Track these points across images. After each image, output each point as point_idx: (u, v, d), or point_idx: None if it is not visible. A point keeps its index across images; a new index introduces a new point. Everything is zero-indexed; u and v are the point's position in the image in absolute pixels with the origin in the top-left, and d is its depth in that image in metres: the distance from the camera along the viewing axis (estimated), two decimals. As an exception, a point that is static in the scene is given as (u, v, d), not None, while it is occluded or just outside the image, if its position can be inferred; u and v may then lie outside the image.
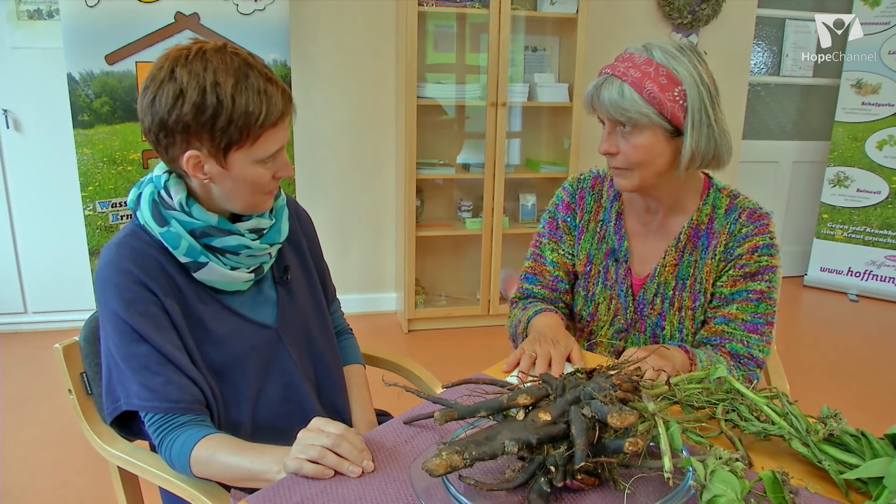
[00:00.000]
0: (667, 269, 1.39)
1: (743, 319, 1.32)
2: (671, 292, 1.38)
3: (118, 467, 1.25)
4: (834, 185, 4.42)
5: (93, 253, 2.89)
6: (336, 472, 0.90)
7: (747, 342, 1.31)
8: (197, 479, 1.09)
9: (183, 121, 1.03)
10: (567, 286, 1.51)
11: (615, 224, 1.44)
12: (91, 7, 2.71)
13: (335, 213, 3.78)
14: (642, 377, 0.90)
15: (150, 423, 1.10)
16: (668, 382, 0.92)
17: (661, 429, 0.77)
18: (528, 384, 0.86)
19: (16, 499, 2.15)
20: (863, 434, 0.89)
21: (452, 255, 3.96)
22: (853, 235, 4.39)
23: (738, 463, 0.79)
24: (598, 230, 1.46)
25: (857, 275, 4.40)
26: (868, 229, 4.34)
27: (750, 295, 1.32)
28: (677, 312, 1.38)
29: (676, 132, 1.25)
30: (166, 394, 1.08)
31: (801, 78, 4.64)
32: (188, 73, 1.02)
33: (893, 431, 0.86)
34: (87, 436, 1.23)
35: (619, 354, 1.44)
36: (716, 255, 1.35)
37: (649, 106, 1.21)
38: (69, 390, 1.24)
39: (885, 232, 4.29)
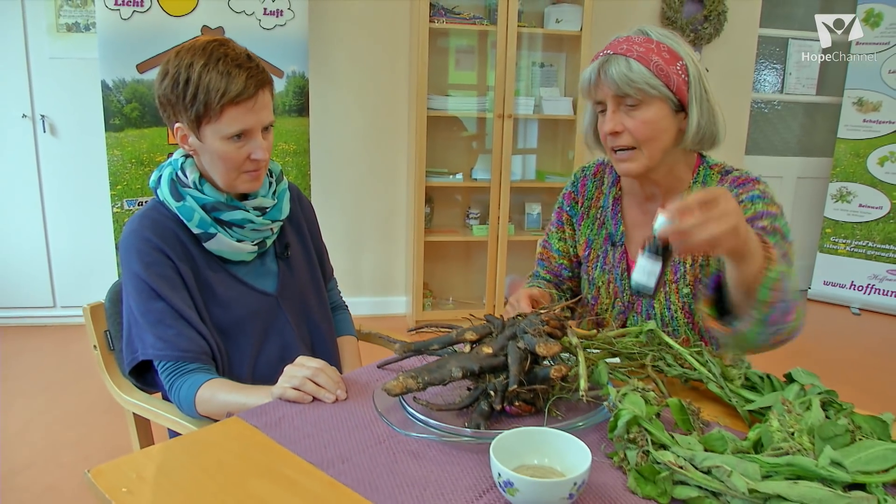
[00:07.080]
0: None
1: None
2: None
3: (133, 415, 1.41)
4: (837, 200, 4.52)
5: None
6: (314, 399, 1.06)
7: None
8: (202, 419, 1.25)
9: (166, 95, 1.24)
10: (570, 273, 1.55)
11: (612, 209, 1.46)
12: (125, 20, 2.94)
13: (349, 217, 3.96)
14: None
15: (163, 371, 1.27)
16: (597, 328, 1.07)
17: (581, 357, 0.91)
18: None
19: (41, 469, 2.33)
20: (768, 376, 1.03)
21: (460, 260, 4.12)
22: (856, 250, 4.47)
23: (651, 393, 0.94)
24: (598, 216, 1.49)
25: (860, 288, 4.47)
26: (870, 244, 4.42)
27: (756, 231, 1.16)
28: (662, 289, 1.39)
29: (680, 108, 1.26)
30: (177, 344, 1.24)
31: (805, 96, 4.76)
32: (177, 58, 1.23)
33: (790, 372, 1.00)
34: (108, 386, 1.40)
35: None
36: None
37: (657, 78, 1.22)
38: (94, 346, 1.41)
39: (888, 246, 4.37)
